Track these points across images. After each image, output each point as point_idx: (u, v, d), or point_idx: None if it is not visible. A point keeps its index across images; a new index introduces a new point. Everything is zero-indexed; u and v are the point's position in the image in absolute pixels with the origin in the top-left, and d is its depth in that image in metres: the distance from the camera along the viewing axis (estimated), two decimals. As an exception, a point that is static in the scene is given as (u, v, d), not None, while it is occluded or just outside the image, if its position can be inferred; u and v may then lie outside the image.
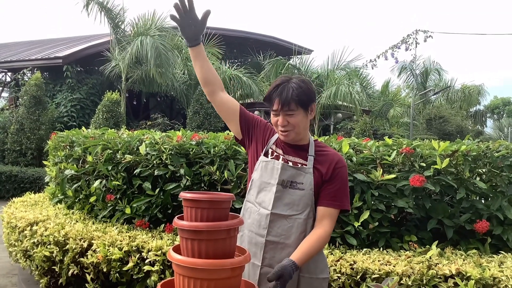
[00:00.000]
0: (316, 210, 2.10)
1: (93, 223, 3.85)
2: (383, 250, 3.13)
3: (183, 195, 1.84)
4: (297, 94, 2.02)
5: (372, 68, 19.80)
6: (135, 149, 3.85)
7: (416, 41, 20.17)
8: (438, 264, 2.78)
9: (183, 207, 1.88)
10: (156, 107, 18.86)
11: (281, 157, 2.12)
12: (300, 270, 2.07)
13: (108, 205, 3.91)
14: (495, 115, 35.90)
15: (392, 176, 3.23)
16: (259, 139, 2.23)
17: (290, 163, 2.10)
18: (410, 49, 20.32)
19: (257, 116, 2.31)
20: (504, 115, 34.79)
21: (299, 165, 2.10)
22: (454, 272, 2.66)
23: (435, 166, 3.21)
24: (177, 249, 1.87)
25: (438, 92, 21.45)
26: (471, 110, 26.92)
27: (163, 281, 1.91)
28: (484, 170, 3.41)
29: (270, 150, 2.16)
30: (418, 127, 20.64)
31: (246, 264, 1.92)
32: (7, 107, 15.36)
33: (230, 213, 1.96)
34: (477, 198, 3.43)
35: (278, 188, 2.08)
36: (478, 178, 3.37)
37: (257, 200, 2.14)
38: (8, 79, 17.19)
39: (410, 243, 3.19)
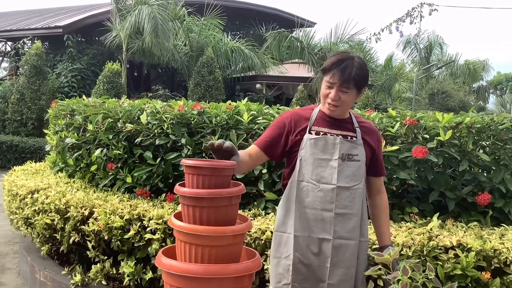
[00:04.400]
0: (371, 181, 2.30)
1: (94, 192, 3.85)
2: (384, 222, 3.12)
3: (185, 162, 1.83)
4: (358, 75, 2.06)
5: (376, 42, 19.49)
6: (136, 118, 3.82)
7: (421, 14, 19.85)
8: (439, 235, 2.78)
9: (184, 176, 1.86)
10: (157, 79, 18.69)
11: (329, 134, 2.17)
12: (361, 235, 2.21)
13: (109, 174, 3.90)
14: (498, 91, 35.60)
15: (395, 147, 3.21)
16: (292, 133, 2.21)
17: (341, 137, 2.17)
18: (415, 23, 20.03)
19: (279, 124, 2.25)
20: (507, 91, 34.48)
21: (349, 138, 2.18)
22: (454, 244, 2.66)
23: (439, 138, 3.18)
24: (178, 216, 1.86)
25: (442, 66, 21.22)
26: (474, 85, 26.68)
27: (164, 248, 1.91)
28: (487, 142, 3.38)
29: (313, 132, 2.18)
30: (421, 102, 20.52)
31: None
32: (8, 77, 15.27)
33: (232, 181, 1.95)
34: (480, 171, 3.41)
35: (339, 162, 2.14)
36: (481, 151, 3.35)
37: (314, 178, 2.16)
38: (8, 48, 17.03)
39: (411, 214, 3.19)
